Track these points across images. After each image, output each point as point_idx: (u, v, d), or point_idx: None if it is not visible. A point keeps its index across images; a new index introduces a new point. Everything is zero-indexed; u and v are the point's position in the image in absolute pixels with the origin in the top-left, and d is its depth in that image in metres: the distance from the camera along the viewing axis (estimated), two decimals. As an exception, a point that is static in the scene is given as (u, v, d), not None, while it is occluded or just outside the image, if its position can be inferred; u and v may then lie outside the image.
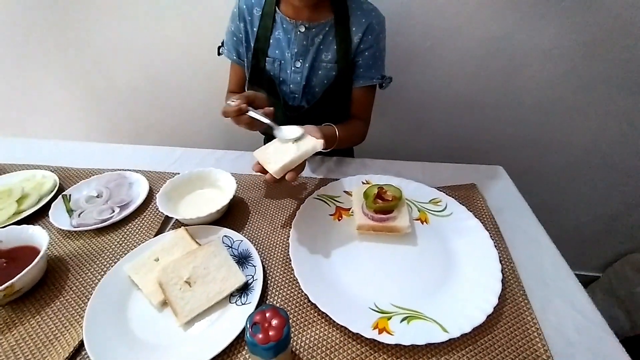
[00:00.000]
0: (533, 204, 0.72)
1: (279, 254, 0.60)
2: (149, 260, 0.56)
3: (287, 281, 0.55)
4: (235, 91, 0.90)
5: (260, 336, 0.37)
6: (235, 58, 0.84)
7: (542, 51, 1.00)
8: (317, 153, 0.60)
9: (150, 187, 0.74)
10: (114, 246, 0.61)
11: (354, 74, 0.81)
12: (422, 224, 0.66)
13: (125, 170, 0.79)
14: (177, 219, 0.65)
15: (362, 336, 0.46)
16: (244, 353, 0.45)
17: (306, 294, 0.51)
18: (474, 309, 0.49)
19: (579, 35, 0.95)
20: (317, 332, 0.48)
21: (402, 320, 0.48)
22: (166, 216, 0.66)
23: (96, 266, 0.58)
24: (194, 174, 0.73)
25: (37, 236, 0.56)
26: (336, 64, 0.78)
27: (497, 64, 1.04)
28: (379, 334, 0.46)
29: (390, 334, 0.46)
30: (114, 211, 0.68)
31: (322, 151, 0.60)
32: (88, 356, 0.43)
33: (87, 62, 1.24)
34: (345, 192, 0.73)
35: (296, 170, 0.59)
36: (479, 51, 1.02)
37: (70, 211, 0.68)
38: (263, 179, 0.64)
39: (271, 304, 0.52)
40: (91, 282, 0.55)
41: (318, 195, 0.71)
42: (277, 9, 0.77)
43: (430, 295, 0.53)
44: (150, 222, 0.67)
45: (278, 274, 0.56)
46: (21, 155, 0.86)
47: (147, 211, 0.69)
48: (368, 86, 0.82)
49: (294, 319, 0.50)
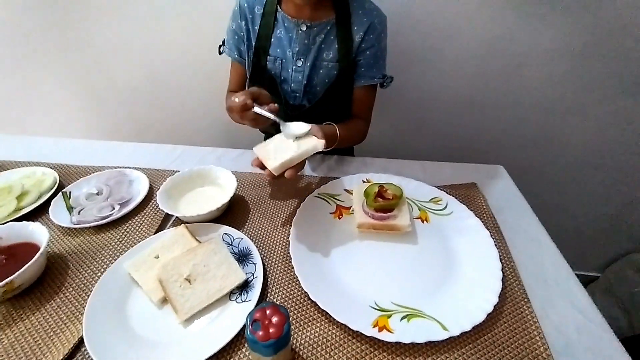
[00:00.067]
0: (533, 203, 0.72)
1: (279, 252, 0.60)
2: (149, 257, 0.56)
3: (287, 279, 0.55)
4: (236, 90, 0.89)
5: (261, 333, 0.37)
6: (236, 57, 0.84)
7: (543, 51, 1.00)
8: (317, 152, 0.60)
9: (150, 184, 0.74)
10: (114, 243, 0.61)
11: (355, 73, 0.81)
12: (423, 222, 0.66)
13: (126, 167, 0.79)
14: (177, 217, 0.65)
15: (362, 334, 0.46)
16: (244, 350, 0.45)
17: (306, 292, 0.51)
18: (474, 308, 0.49)
19: (579, 35, 0.95)
20: (317, 330, 0.48)
21: (402, 319, 0.48)
22: (166, 214, 0.66)
23: (96, 263, 0.58)
24: (194, 172, 0.73)
25: (37, 233, 0.56)
26: (337, 63, 0.78)
27: (497, 63, 1.04)
28: (379, 332, 0.46)
29: (391, 332, 0.46)
30: (114, 208, 0.68)
31: (322, 150, 0.60)
32: (88, 353, 0.43)
33: (88, 62, 1.24)
34: (346, 190, 0.73)
35: (296, 168, 0.58)
36: (479, 51, 1.02)
37: (70, 208, 0.68)
38: (262, 174, 0.63)
39: (271, 301, 0.51)
40: (91, 279, 0.55)
41: (318, 194, 0.71)
42: (278, 7, 0.77)
43: (430, 294, 0.52)
44: (150, 220, 0.67)
45: (278, 272, 0.56)
46: (21, 153, 0.86)
47: (147, 209, 0.69)
48: (369, 85, 0.82)
49: (294, 317, 0.50)
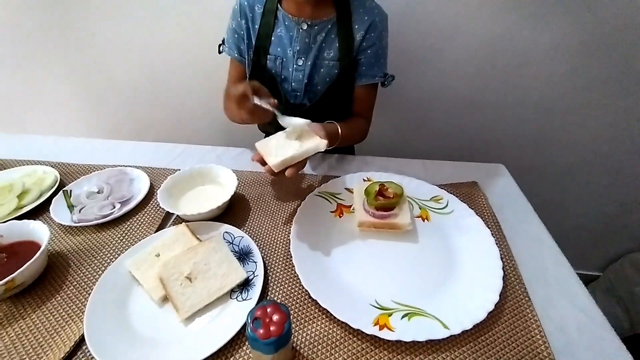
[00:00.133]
0: (534, 202, 0.72)
1: (280, 250, 0.60)
2: (149, 255, 0.56)
3: (287, 277, 0.55)
4: None
5: (261, 331, 0.37)
6: (236, 55, 0.84)
7: (543, 50, 1.00)
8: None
9: (151, 183, 0.74)
10: (114, 242, 0.61)
11: (356, 72, 0.81)
12: (423, 221, 0.66)
13: (126, 166, 0.79)
14: (178, 215, 0.65)
15: (363, 332, 0.46)
16: (244, 348, 0.45)
17: (307, 290, 0.51)
18: (475, 306, 0.49)
19: (579, 34, 0.95)
20: (318, 328, 0.48)
21: (403, 317, 0.48)
22: (167, 212, 0.66)
23: (97, 261, 0.58)
24: (195, 170, 0.73)
25: (38, 231, 0.56)
26: (338, 61, 0.78)
27: (498, 63, 1.04)
28: (379, 330, 0.46)
29: (391, 330, 0.46)
30: (114, 207, 0.68)
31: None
32: (89, 351, 0.44)
33: (88, 62, 1.24)
34: (347, 189, 0.73)
35: (296, 166, 0.58)
36: (480, 50, 1.02)
37: (71, 207, 0.68)
38: (263, 173, 0.63)
39: (272, 299, 0.51)
40: (92, 278, 0.55)
41: (319, 192, 0.71)
42: (279, 6, 0.77)
43: (431, 292, 0.52)
44: (151, 218, 0.67)
45: (279, 270, 0.56)
46: (22, 151, 0.86)
47: (148, 207, 0.69)
48: (370, 84, 0.82)
49: (295, 315, 0.50)
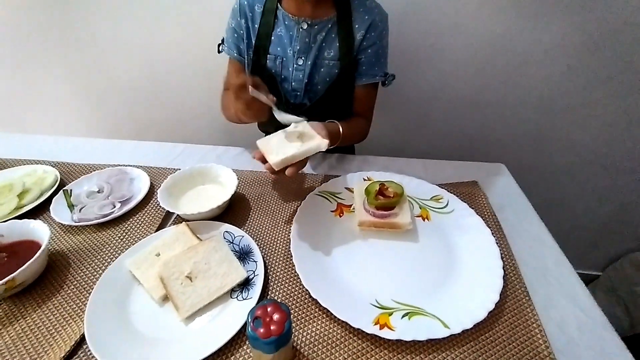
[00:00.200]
0: (534, 201, 0.72)
1: (280, 249, 0.60)
2: (150, 255, 0.56)
3: (288, 277, 0.55)
4: None
5: (262, 330, 0.37)
6: (235, 55, 0.83)
7: (544, 50, 0.99)
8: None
9: (151, 182, 0.74)
10: (115, 241, 0.61)
11: (356, 71, 0.80)
12: (424, 220, 0.66)
13: (127, 165, 0.79)
14: (178, 215, 0.65)
15: (363, 332, 0.46)
16: (245, 348, 0.45)
17: (307, 290, 0.51)
18: (476, 306, 0.49)
19: (579, 34, 0.95)
20: (318, 327, 0.48)
21: (403, 316, 0.48)
22: (167, 211, 0.66)
23: (97, 261, 0.58)
24: (195, 170, 0.73)
25: (39, 230, 0.56)
26: (339, 61, 0.78)
27: (498, 62, 1.04)
28: (380, 329, 0.46)
29: (392, 329, 0.46)
30: (115, 206, 0.68)
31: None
32: (89, 350, 0.44)
33: (88, 61, 1.24)
34: (347, 188, 0.73)
35: (297, 166, 0.58)
36: (480, 49, 1.02)
37: (71, 206, 0.68)
38: (263, 172, 0.63)
39: (272, 299, 0.51)
40: (92, 277, 0.55)
41: (319, 192, 0.71)
42: (279, 5, 0.77)
43: (431, 292, 0.52)
44: (151, 218, 0.67)
45: (279, 269, 0.56)
46: (22, 151, 0.86)
47: (148, 206, 0.69)
48: (371, 84, 0.82)
49: (295, 314, 0.50)
